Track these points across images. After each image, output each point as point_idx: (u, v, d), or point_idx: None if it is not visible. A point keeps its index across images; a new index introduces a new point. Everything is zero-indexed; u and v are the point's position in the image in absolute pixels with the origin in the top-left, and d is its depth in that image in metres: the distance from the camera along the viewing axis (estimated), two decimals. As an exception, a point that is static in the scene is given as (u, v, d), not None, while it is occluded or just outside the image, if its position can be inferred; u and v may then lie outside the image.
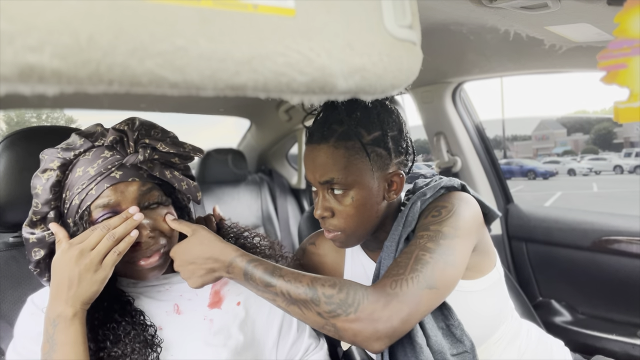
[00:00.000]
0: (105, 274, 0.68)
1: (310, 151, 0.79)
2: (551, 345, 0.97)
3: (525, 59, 1.24)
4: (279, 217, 2.22)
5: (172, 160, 0.77)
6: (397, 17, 0.33)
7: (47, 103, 1.77)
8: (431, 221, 0.76)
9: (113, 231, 0.68)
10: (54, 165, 0.71)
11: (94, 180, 0.70)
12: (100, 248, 0.67)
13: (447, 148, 1.70)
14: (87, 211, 0.71)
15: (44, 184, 0.71)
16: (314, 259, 1.00)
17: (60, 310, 0.66)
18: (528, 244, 1.60)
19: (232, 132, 2.86)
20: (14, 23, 0.21)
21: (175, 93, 0.27)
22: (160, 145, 0.74)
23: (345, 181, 0.76)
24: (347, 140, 0.76)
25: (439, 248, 0.70)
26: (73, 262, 0.66)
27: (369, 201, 0.78)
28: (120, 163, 0.72)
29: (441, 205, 0.78)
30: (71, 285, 0.66)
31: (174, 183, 0.78)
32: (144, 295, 0.79)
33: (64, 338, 0.65)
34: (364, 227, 0.80)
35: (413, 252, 0.71)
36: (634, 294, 1.33)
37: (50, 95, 0.24)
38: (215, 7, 0.26)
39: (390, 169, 0.79)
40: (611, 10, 0.70)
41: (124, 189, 0.71)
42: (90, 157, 0.72)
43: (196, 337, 0.76)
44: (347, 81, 0.31)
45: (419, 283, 0.66)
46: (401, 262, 0.70)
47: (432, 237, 0.72)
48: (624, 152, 21.85)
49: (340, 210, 0.78)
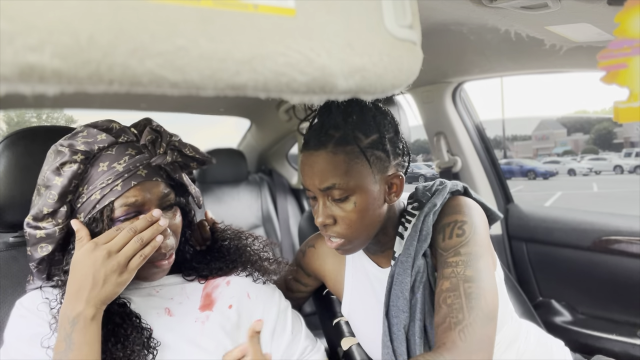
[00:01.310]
0: (129, 277, 0.68)
1: (308, 158, 0.77)
2: (551, 345, 0.97)
3: (526, 59, 1.24)
4: (279, 217, 2.22)
5: (191, 165, 0.78)
6: (397, 17, 0.33)
7: (47, 103, 1.77)
8: (459, 243, 0.76)
9: (141, 235, 0.68)
10: (77, 158, 0.70)
11: (121, 177, 0.70)
12: (127, 250, 0.67)
13: (447, 148, 1.70)
14: (109, 207, 0.70)
15: (63, 176, 0.69)
16: (314, 261, 1.00)
17: (81, 310, 0.65)
18: (528, 244, 1.60)
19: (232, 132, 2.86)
20: (14, 23, 0.21)
21: (175, 93, 0.27)
22: (188, 150, 0.75)
23: (346, 187, 0.75)
24: (346, 145, 0.75)
25: (479, 274, 0.71)
26: (99, 263, 0.66)
27: (371, 205, 0.77)
28: (148, 162, 0.72)
29: (461, 221, 0.78)
30: (95, 285, 0.65)
31: (188, 186, 0.79)
32: (135, 297, 0.79)
33: (82, 338, 0.65)
34: (367, 232, 0.80)
35: (458, 287, 0.71)
36: (634, 294, 1.33)
37: (50, 95, 0.24)
38: (216, 7, 0.26)
39: (389, 171, 0.79)
40: (611, 10, 0.70)
41: (150, 189, 0.72)
42: (115, 153, 0.72)
43: (187, 339, 0.76)
44: (348, 81, 0.31)
45: (482, 321, 0.67)
46: (454, 304, 0.69)
47: (467, 262, 0.73)
48: (624, 152, 21.85)
49: (343, 217, 0.77)
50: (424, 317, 0.79)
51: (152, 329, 0.75)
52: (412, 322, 0.79)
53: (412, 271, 0.79)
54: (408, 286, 0.79)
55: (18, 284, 0.90)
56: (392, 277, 0.82)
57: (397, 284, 0.80)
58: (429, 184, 0.90)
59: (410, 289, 0.79)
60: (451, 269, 0.73)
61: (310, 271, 1.01)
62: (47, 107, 2.66)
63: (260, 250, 0.91)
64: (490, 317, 0.68)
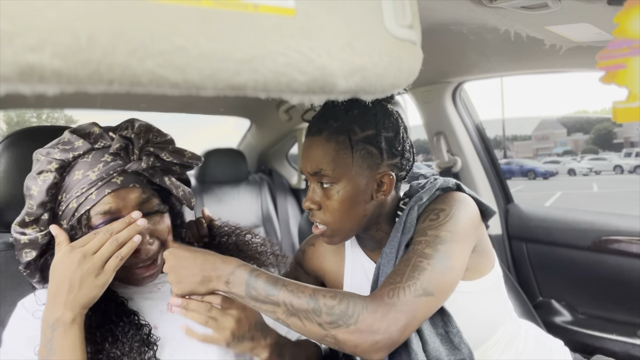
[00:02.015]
0: (107, 279, 0.67)
1: (307, 143, 0.81)
2: (551, 345, 0.97)
3: (526, 59, 1.24)
4: (279, 217, 2.22)
5: (173, 169, 0.77)
6: (397, 17, 0.33)
7: (47, 103, 1.77)
8: (429, 225, 0.76)
9: (116, 235, 0.67)
10: (52, 167, 0.70)
11: (95, 185, 0.69)
12: (103, 252, 0.66)
13: (447, 148, 1.70)
14: (85, 215, 0.70)
15: (40, 186, 0.70)
16: (314, 260, 1.00)
17: (60, 314, 0.65)
18: (528, 244, 1.60)
19: (232, 132, 2.86)
20: (14, 23, 0.21)
21: (175, 93, 0.27)
22: (165, 155, 0.74)
23: (332, 174, 0.77)
24: (339, 134, 0.77)
25: (437, 253, 0.71)
26: (75, 266, 0.65)
27: (355, 198, 0.78)
28: (123, 169, 0.71)
29: (439, 208, 0.78)
30: (72, 288, 0.65)
31: (172, 190, 0.77)
32: (137, 296, 0.79)
33: (63, 342, 0.64)
34: (350, 223, 0.81)
35: (411, 259, 0.71)
36: (634, 294, 1.33)
37: (50, 95, 0.24)
38: (216, 6, 0.26)
39: (380, 169, 0.79)
40: (611, 10, 0.70)
41: (125, 196, 0.71)
42: (90, 160, 0.71)
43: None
44: (347, 81, 0.31)
45: (416, 291, 0.67)
46: (399, 270, 0.70)
47: (429, 242, 0.72)
48: (624, 152, 21.85)
49: (327, 204, 0.79)
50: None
51: (157, 326, 0.75)
52: None
53: (396, 261, 0.78)
54: None
55: (18, 284, 0.90)
56: (378, 268, 0.82)
57: (382, 275, 0.80)
58: (422, 181, 0.90)
59: None
60: (413, 247, 0.74)
61: (310, 270, 1.01)
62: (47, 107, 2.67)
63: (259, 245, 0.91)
64: (428, 293, 0.67)
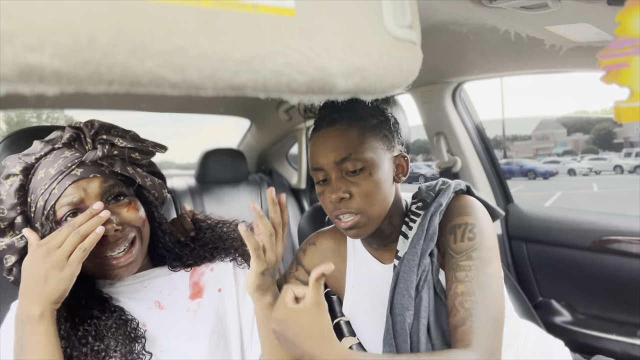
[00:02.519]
0: (72, 271, 0.67)
1: (322, 135, 0.80)
2: (551, 345, 0.97)
3: (526, 59, 1.24)
4: (279, 217, 2.22)
5: (133, 156, 0.77)
6: (397, 17, 0.33)
7: (47, 103, 1.77)
8: (470, 247, 0.78)
9: (78, 228, 0.68)
10: (17, 170, 0.72)
11: (55, 179, 0.71)
12: (65, 245, 0.67)
13: (447, 148, 1.70)
14: (52, 211, 0.71)
15: (7, 190, 0.72)
16: (315, 259, 1.00)
17: (28, 311, 0.66)
18: (528, 244, 1.60)
19: (232, 132, 2.86)
20: (14, 23, 0.21)
21: (175, 93, 0.27)
22: (118, 141, 0.75)
23: (362, 157, 0.77)
24: (359, 121, 0.79)
25: (489, 279, 0.75)
26: (40, 261, 0.66)
27: (384, 181, 0.80)
28: (80, 160, 0.72)
29: (471, 224, 0.80)
30: (38, 284, 0.65)
31: (137, 179, 0.78)
32: (123, 295, 0.79)
33: (33, 338, 0.65)
34: (380, 209, 0.80)
35: (474, 292, 0.74)
36: (634, 294, 1.33)
37: (50, 95, 0.24)
38: (215, 7, 0.26)
39: (395, 152, 0.83)
40: (611, 10, 0.70)
41: (86, 186, 0.72)
42: (51, 159, 0.73)
43: (180, 330, 0.77)
44: (347, 81, 0.31)
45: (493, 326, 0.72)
46: (472, 308, 0.73)
47: (479, 268, 0.76)
48: (624, 152, 21.84)
49: (358, 190, 0.77)
50: (428, 316, 0.80)
51: (145, 323, 0.75)
52: (415, 320, 0.80)
53: (419, 270, 0.80)
54: (414, 284, 0.80)
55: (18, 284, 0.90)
56: (398, 275, 0.82)
57: (402, 281, 0.81)
58: (431, 183, 0.91)
59: (415, 287, 0.80)
60: (465, 273, 0.76)
61: (311, 269, 1.01)
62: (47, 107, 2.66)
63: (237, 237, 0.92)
64: (499, 324, 0.73)
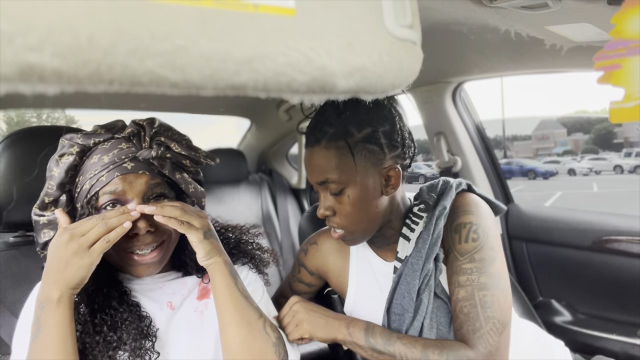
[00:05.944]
0: (91, 260, 0.67)
1: (308, 154, 0.82)
2: (551, 345, 0.97)
3: (526, 59, 1.24)
4: (279, 217, 2.22)
5: (184, 162, 0.79)
6: (397, 16, 0.33)
7: (47, 103, 1.77)
8: (474, 248, 0.79)
9: (106, 220, 0.69)
10: (73, 150, 0.74)
11: (107, 168, 0.72)
12: (90, 234, 0.67)
13: (447, 148, 1.70)
14: (95, 196, 0.72)
15: (60, 167, 0.73)
16: (317, 259, 1.00)
17: (48, 293, 0.67)
18: (528, 244, 1.60)
19: (232, 132, 2.86)
20: (14, 22, 0.21)
21: (175, 93, 0.27)
22: (174, 146, 0.76)
23: (338, 180, 0.78)
24: (337, 140, 0.78)
25: (492, 279, 0.76)
26: (63, 246, 0.67)
27: (366, 198, 0.79)
28: (134, 155, 0.74)
29: (475, 224, 0.80)
30: (59, 268, 0.67)
31: (182, 184, 0.79)
32: (139, 292, 0.80)
33: (50, 320, 0.66)
34: (367, 223, 0.82)
35: (474, 296, 0.75)
36: (634, 294, 1.33)
37: (50, 95, 0.24)
38: (216, 6, 0.26)
39: (385, 164, 0.80)
40: (611, 10, 0.70)
41: (133, 180, 0.73)
42: (108, 147, 0.75)
43: (188, 329, 0.79)
44: (348, 81, 0.31)
45: (498, 329, 0.73)
46: (470, 313, 0.74)
47: (481, 269, 0.76)
48: (624, 152, 21.85)
49: (340, 209, 0.81)
50: (423, 318, 0.80)
51: (155, 322, 0.77)
52: (412, 321, 0.80)
53: (421, 274, 0.81)
54: (416, 288, 0.81)
55: (18, 284, 0.91)
56: (400, 276, 0.83)
57: (404, 284, 0.82)
58: (432, 183, 0.91)
59: (417, 290, 0.81)
60: (466, 277, 0.77)
61: (314, 269, 1.01)
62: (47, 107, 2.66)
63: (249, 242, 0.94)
64: (505, 323, 0.73)
